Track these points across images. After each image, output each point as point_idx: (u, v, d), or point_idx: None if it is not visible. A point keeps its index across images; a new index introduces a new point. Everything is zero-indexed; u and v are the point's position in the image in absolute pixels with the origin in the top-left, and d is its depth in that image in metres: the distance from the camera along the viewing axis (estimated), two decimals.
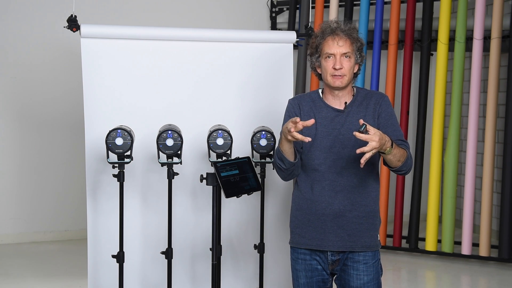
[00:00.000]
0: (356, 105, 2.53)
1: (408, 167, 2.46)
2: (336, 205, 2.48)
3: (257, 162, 3.28)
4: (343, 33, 2.47)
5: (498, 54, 4.91)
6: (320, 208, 2.49)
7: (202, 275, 3.56)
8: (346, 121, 2.50)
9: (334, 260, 2.51)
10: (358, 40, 2.51)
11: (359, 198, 2.49)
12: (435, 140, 5.11)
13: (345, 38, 2.47)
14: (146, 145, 3.41)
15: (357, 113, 2.50)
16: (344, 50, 2.46)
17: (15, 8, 5.44)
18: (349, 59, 2.48)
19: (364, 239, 2.49)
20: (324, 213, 2.49)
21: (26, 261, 4.95)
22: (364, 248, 2.49)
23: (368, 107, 2.51)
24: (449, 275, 4.86)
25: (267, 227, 3.51)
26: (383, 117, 2.50)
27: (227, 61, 3.60)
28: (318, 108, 2.55)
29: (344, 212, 2.47)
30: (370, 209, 2.51)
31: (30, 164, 5.54)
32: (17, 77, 5.48)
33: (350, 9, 5.51)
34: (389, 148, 2.33)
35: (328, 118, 2.51)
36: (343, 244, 2.48)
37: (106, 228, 3.43)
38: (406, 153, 2.44)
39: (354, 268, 2.48)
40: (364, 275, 2.47)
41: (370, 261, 2.49)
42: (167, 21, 5.76)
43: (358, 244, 2.49)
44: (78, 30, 3.36)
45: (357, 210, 2.48)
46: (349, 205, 2.48)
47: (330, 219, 2.48)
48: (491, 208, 4.93)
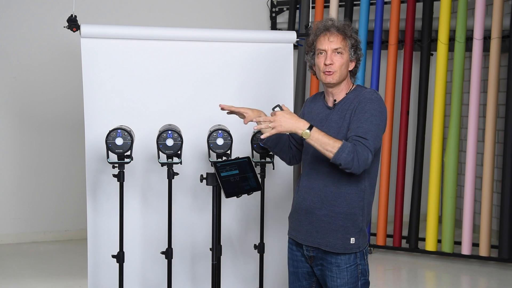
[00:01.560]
0: (345, 103, 2.49)
1: (340, 160, 2.30)
2: (308, 201, 2.51)
3: (257, 162, 3.28)
4: (335, 29, 2.47)
5: (498, 54, 4.91)
6: (298, 202, 2.57)
7: (202, 275, 3.56)
8: (331, 119, 2.49)
9: (309, 255, 2.53)
10: (352, 37, 2.48)
11: (330, 198, 2.45)
12: (435, 140, 5.11)
13: (336, 34, 2.46)
14: (146, 145, 3.41)
15: (343, 111, 2.47)
16: (334, 46, 2.45)
17: (15, 8, 5.44)
18: (340, 56, 2.45)
19: (330, 239, 2.45)
20: (300, 207, 2.55)
21: (26, 261, 4.95)
22: (330, 248, 2.45)
23: (352, 105, 2.45)
24: (449, 275, 4.87)
25: (267, 227, 3.51)
26: (355, 114, 2.40)
27: (227, 61, 3.60)
28: (316, 104, 2.61)
29: (314, 209, 2.49)
30: (342, 211, 2.44)
31: (30, 164, 5.54)
32: (17, 77, 5.48)
33: (350, 9, 5.51)
34: (304, 132, 2.32)
35: (320, 115, 2.55)
36: (312, 240, 2.50)
37: (106, 228, 3.43)
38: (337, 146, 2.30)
39: (328, 270, 2.48)
40: (337, 278, 2.46)
41: (342, 265, 2.45)
42: (167, 21, 5.76)
43: (325, 242, 2.46)
44: (78, 30, 3.36)
45: (326, 209, 2.46)
46: (319, 203, 2.48)
47: (303, 213, 2.53)
48: (491, 208, 4.93)
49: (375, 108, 2.40)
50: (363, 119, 2.38)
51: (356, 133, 2.36)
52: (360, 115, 2.39)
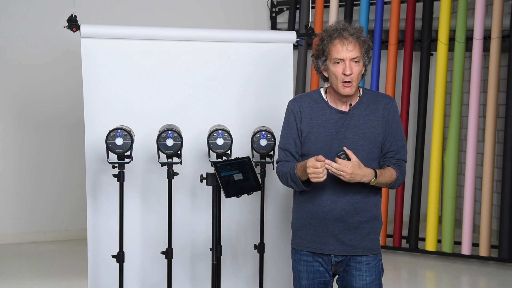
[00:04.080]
0: (362, 107, 2.45)
1: (396, 185, 2.49)
2: (338, 210, 2.44)
3: (257, 162, 3.28)
4: (352, 36, 2.38)
5: (498, 54, 4.91)
6: (322, 212, 2.45)
7: (202, 275, 3.56)
8: (351, 124, 2.43)
9: (337, 261, 2.49)
10: (366, 42, 2.43)
11: (361, 203, 2.45)
12: (435, 140, 5.11)
13: (354, 42, 2.38)
14: (146, 145, 3.41)
15: (364, 116, 2.43)
16: (353, 55, 2.37)
17: (15, 8, 5.44)
18: (357, 64, 2.40)
19: (365, 243, 2.46)
20: (325, 217, 2.45)
21: (26, 261, 4.95)
22: (365, 252, 2.47)
23: (377, 111, 2.45)
24: (449, 275, 4.86)
25: (267, 227, 3.51)
26: (390, 125, 2.46)
27: (227, 61, 3.60)
28: (320, 109, 2.48)
29: (346, 217, 2.44)
30: (371, 214, 2.47)
31: (30, 164, 5.54)
32: (17, 77, 5.48)
33: (350, 9, 5.51)
34: (372, 181, 2.36)
35: (332, 121, 2.45)
36: (344, 249, 2.46)
37: (106, 228, 3.43)
38: (394, 175, 2.42)
39: (356, 269, 2.46)
40: (367, 276, 2.46)
41: (372, 261, 2.48)
42: (167, 21, 5.76)
43: (359, 249, 2.46)
44: (78, 30, 3.36)
45: (359, 215, 2.45)
46: (351, 210, 2.44)
47: (331, 223, 2.45)
48: (491, 208, 4.93)
49: (399, 114, 2.54)
50: (399, 131, 2.48)
51: (397, 149, 2.46)
52: (395, 127, 2.47)
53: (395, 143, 2.46)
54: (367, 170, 2.34)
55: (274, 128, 3.27)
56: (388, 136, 2.45)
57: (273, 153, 3.27)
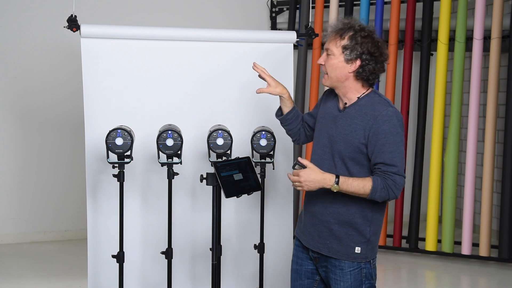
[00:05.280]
0: (355, 109, 2.40)
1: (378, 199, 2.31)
2: (312, 205, 2.50)
3: (257, 162, 3.28)
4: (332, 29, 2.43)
5: (498, 54, 4.91)
6: (305, 204, 2.57)
7: (202, 275, 3.56)
8: (339, 124, 2.42)
9: (314, 256, 2.52)
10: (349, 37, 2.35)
11: (335, 205, 2.42)
12: (435, 140, 5.11)
13: (331, 35, 2.42)
14: (146, 145, 3.41)
15: (351, 119, 2.38)
16: (326, 46, 2.43)
17: (15, 8, 5.44)
18: (330, 57, 2.41)
19: (333, 245, 2.43)
20: (305, 209, 2.56)
21: (26, 261, 4.95)
22: (333, 254, 2.43)
23: (364, 117, 2.35)
24: (449, 275, 4.86)
25: (267, 227, 3.51)
26: (376, 136, 2.31)
27: (227, 61, 3.60)
28: (331, 100, 2.54)
29: (317, 214, 2.47)
30: (346, 220, 2.41)
31: (30, 164, 5.54)
32: (17, 77, 5.48)
33: (350, 9, 5.51)
34: (333, 186, 2.30)
35: (330, 115, 2.49)
36: (313, 243, 2.49)
37: (106, 228, 3.43)
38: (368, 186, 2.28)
39: (332, 272, 2.47)
40: (341, 281, 2.44)
41: (346, 268, 2.43)
42: (167, 21, 5.76)
43: (326, 248, 2.45)
44: (78, 30, 3.36)
45: (329, 215, 2.43)
46: (322, 207, 2.45)
47: (307, 216, 2.54)
48: (491, 208, 4.93)
49: (394, 125, 2.31)
50: (385, 142, 2.29)
51: (383, 161, 2.29)
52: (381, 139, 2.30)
53: (382, 155, 2.29)
54: (326, 175, 2.30)
55: (274, 128, 3.27)
56: (374, 148, 2.31)
57: (273, 153, 3.27)
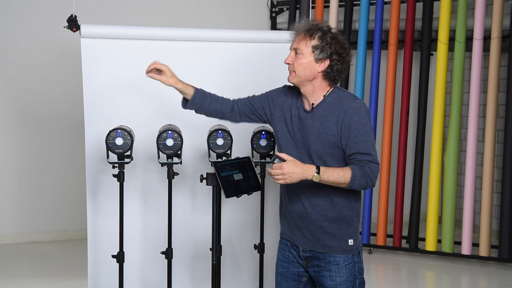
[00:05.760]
0: (323, 107, 2.43)
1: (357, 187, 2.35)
2: (300, 206, 2.49)
3: (257, 162, 3.28)
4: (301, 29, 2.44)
5: (498, 54, 4.91)
6: (289, 205, 2.55)
7: (202, 275, 3.56)
8: (310, 124, 2.44)
9: (305, 256, 2.51)
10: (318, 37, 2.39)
11: (322, 203, 2.44)
12: (435, 140, 5.11)
13: (299, 34, 2.44)
14: (146, 145, 3.41)
15: (322, 117, 2.41)
16: (294, 46, 2.45)
17: (15, 8, 5.44)
18: (299, 56, 2.42)
19: (329, 242, 2.45)
20: (292, 210, 2.54)
21: (26, 261, 4.95)
22: (329, 250, 2.45)
23: (334, 112, 2.40)
24: (449, 275, 4.86)
25: (267, 227, 3.51)
26: (348, 128, 2.37)
27: (227, 61, 3.60)
28: (295, 104, 2.53)
29: (309, 214, 2.47)
30: (335, 216, 2.44)
31: (30, 164, 5.54)
32: (17, 77, 5.48)
33: (350, 9, 5.51)
34: (314, 176, 2.30)
35: (297, 117, 2.49)
36: (307, 243, 2.49)
37: (106, 228, 3.43)
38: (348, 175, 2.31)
39: (326, 269, 2.47)
40: (336, 276, 2.45)
41: (341, 262, 2.45)
42: (167, 21, 5.76)
43: (321, 246, 2.46)
44: (78, 30, 3.36)
45: (319, 214, 2.45)
46: (310, 208, 2.46)
47: (296, 217, 2.52)
48: (491, 208, 4.93)
49: (363, 116, 2.38)
50: (358, 133, 2.36)
51: (358, 151, 2.35)
52: (354, 130, 2.36)
53: (355, 145, 2.36)
54: (307, 166, 2.31)
55: None
56: (348, 139, 2.37)
57: (273, 153, 3.27)
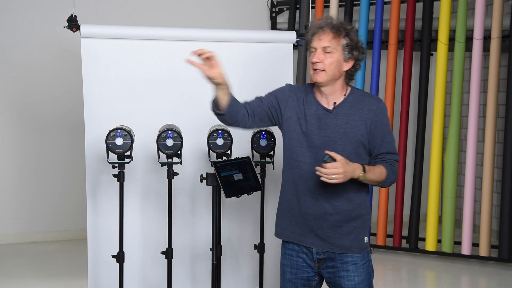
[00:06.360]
0: (347, 106, 2.44)
1: (388, 184, 2.45)
2: (318, 207, 2.44)
3: (257, 162, 3.28)
4: (328, 27, 2.40)
5: (498, 54, 4.91)
6: (303, 207, 2.46)
7: (202, 275, 3.56)
8: (334, 123, 2.42)
9: (319, 258, 2.47)
10: (347, 36, 2.40)
11: (341, 202, 2.43)
12: (435, 140, 5.11)
13: (328, 32, 2.40)
14: (146, 145, 3.40)
15: (347, 116, 2.42)
16: (324, 44, 2.39)
17: (15, 8, 5.44)
18: (330, 55, 2.39)
19: (346, 242, 2.44)
20: (306, 212, 2.46)
21: (26, 261, 4.95)
22: (346, 250, 2.44)
23: (361, 111, 2.42)
24: (449, 275, 4.87)
25: (267, 227, 3.50)
26: (377, 128, 2.42)
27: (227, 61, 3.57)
28: (308, 103, 2.48)
29: (325, 215, 2.43)
30: (353, 214, 2.44)
31: (30, 164, 5.54)
32: (17, 77, 5.48)
33: (350, 9, 5.51)
34: (361, 175, 2.33)
35: (316, 116, 2.44)
36: (322, 244, 2.45)
37: (106, 228, 3.43)
38: (384, 172, 2.39)
39: (344, 269, 2.45)
40: (355, 276, 2.44)
41: (359, 262, 2.45)
42: (167, 21, 5.76)
43: (338, 247, 2.44)
44: (78, 30, 3.36)
45: (338, 214, 2.43)
46: (330, 208, 2.43)
47: (311, 218, 2.46)
48: (491, 208, 4.93)
49: (387, 116, 2.49)
50: (386, 133, 2.45)
51: (387, 150, 2.44)
52: (384, 130, 2.44)
53: (385, 145, 2.44)
54: (355, 165, 2.33)
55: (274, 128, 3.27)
56: (376, 138, 2.43)
57: (273, 153, 3.27)
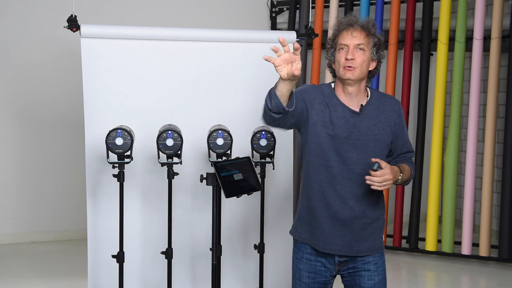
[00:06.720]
0: (371, 108, 2.42)
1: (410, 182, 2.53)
2: (347, 212, 2.40)
3: (257, 162, 3.28)
4: (359, 25, 2.38)
5: (498, 54, 4.91)
6: (331, 212, 2.40)
7: (202, 275, 3.56)
8: (362, 126, 2.39)
9: (341, 261, 2.46)
10: (375, 36, 2.40)
11: (369, 205, 2.42)
12: (435, 140, 5.11)
13: (360, 30, 2.37)
14: (146, 145, 3.41)
15: (374, 118, 2.40)
16: (357, 41, 2.34)
17: (15, 8, 5.44)
18: (362, 52, 2.35)
19: (369, 243, 2.45)
20: (334, 217, 2.40)
21: (26, 261, 4.95)
22: (369, 251, 2.45)
23: (385, 112, 2.43)
24: (449, 275, 4.86)
25: (267, 227, 3.51)
26: (400, 128, 2.48)
27: (227, 61, 3.60)
28: (333, 105, 2.39)
29: (354, 218, 2.41)
30: (376, 215, 2.46)
31: (30, 164, 5.54)
32: (17, 77, 5.48)
33: (350, 9, 5.52)
34: (399, 178, 2.37)
35: (343, 119, 2.38)
36: (349, 250, 2.43)
37: (106, 228, 3.43)
38: (410, 171, 2.46)
39: (365, 269, 2.44)
40: (375, 275, 2.45)
41: (379, 261, 2.47)
42: (167, 21, 5.76)
43: (364, 249, 2.44)
44: (78, 30, 3.36)
45: (366, 217, 2.42)
46: (359, 212, 2.41)
47: (339, 223, 2.41)
48: (491, 208, 4.93)
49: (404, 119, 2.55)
50: (405, 133, 2.52)
51: (408, 150, 2.53)
52: (404, 130, 2.52)
53: (406, 145, 2.51)
54: (395, 169, 2.35)
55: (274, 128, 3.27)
56: (399, 139, 2.48)
57: (273, 153, 3.27)
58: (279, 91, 2.21)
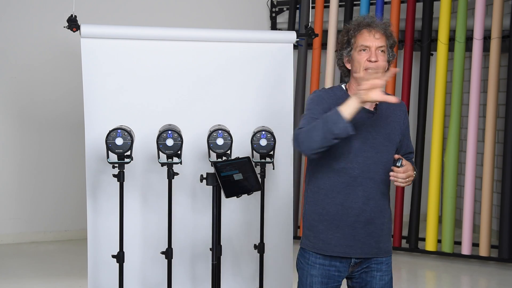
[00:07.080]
0: (384, 108, 2.43)
1: None
2: (368, 212, 2.38)
3: (257, 162, 3.28)
4: (379, 27, 2.35)
5: (498, 54, 4.91)
6: (353, 215, 2.36)
7: (202, 275, 3.56)
8: (377, 124, 2.38)
9: (357, 262, 2.43)
10: (391, 37, 2.39)
11: (386, 204, 2.45)
12: (435, 140, 5.11)
13: (381, 32, 2.35)
14: (146, 145, 3.41)
15: (386, 117, 2.41)
16: (379, 44, 2.32)
17: (15, 8, 5.44)
18: (383, 54, 2.33)
19: (387, 244, 2.46)
20: (356, 220, 2.37)
21: (26, 261, 4.95)
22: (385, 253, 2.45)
23: (395, 112, 2.45)
24: (449, 275, 4.87)
25: (267, 227, 3.51)
26: (405, 127, 2.50)
27: (227, 61, 3.60)
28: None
29: (374, 219, 2.40)
30: (389, 215, 2.48)
31: (30, 164, 5.54)
32: (17, 77, 5.48)
33: (350, 9, 5.52)
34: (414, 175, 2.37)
35: (360, 120, 2.33)
36: (370, 251, 2.41)
37: (106, 228, 3.43)
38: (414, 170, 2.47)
39: (378, 269, 2.44)
40: (385, 275, 2.45)
41: (389, 261, 2.49)
42: (167, 21, 5.76)
43: (382, 250, 2.44)
44: (78, 30, 3.36)
45: (384, 217, 2.43)
46: (378, 212, 2.40)
47: (361, 226, 2.38)
48: (491, 208, 4.93)
49: None
50: (409, 133, 2.55)
51: (411, 150, 2.56)
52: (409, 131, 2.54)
53: (409, 146, 2.55)
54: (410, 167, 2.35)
55: (274, 128, 3.27)
56: (405, 139, 2.51)
57: (273, 153, 3.27)
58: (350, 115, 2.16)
